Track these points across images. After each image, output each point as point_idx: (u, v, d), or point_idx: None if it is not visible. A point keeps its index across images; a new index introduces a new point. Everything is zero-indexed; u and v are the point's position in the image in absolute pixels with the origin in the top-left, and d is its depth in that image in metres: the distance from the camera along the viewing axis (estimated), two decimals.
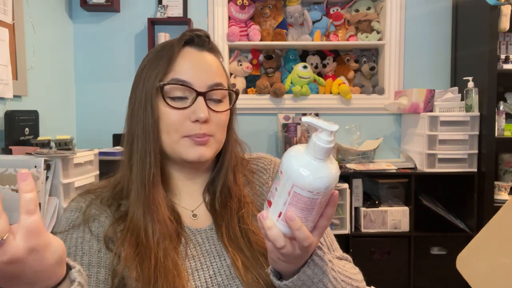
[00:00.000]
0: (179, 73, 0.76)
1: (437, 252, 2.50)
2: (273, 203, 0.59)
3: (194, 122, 0.75)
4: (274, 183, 0.60)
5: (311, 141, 0.56)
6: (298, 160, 0.56)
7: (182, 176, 0.83)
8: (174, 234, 0.75)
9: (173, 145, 0.76)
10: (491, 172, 2.39)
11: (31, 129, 1.94)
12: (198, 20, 2.76)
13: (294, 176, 0.55)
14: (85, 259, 0.71)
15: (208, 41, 0.81)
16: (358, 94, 2.79)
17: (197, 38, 0.80)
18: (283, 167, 0.57)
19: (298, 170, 0.55)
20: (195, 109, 0.75)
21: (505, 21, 2.34)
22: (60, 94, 2.59)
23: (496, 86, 2.36)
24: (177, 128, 0.75)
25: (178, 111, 0.75)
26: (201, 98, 0.75)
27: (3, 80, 1.89)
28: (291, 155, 0.58)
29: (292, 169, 0.56)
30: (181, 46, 0.78)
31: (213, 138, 0.78)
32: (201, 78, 0.76)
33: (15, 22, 2.02)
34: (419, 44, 2.81)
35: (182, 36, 0.79)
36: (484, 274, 0.76)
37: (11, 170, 1.54)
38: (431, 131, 2.44)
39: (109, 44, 2.77)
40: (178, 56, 0.77)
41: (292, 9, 2.74)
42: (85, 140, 2.68)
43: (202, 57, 0.79)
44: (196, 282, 0.73)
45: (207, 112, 0.75)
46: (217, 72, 0.79)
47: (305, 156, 0.56)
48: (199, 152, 0.76)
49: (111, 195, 0.79)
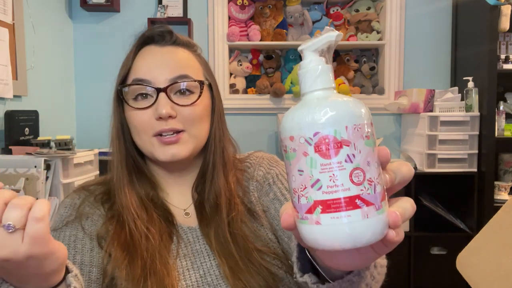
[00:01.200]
0: (137, 73, 0.75)
1: (437, 252, 2.50)
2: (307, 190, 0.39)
3: (158, 120, 0.73)
4: (291, 172, 0.40)
5: (305, 71, 0.41)
6: (304, 105, 0.40)
7: (169, 175, 0.81)
8: (165, 233, 0.74)
9: (146, 146, 0.75)
10: (491, 172, 2.39)
11: (31, 129, 1.94)
12: (198, 20, 2.76)
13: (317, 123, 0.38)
14: (77, 258, 0.71)
15: (170, 36, 0.79)
16: (358, 94, 2.79)
17: (157, 35, 0.78)
18: (289, 132, 0.40)
19: (314, 111, 0.38)
20: (157, 106, 0.72)
21: (505, 21, 2.34)
22: (60, 94, 2.59)
23: (496, 86, 2.36)
24: (145, 129, 0.74)
25: (142, 111, 0.74)
26: (162, 93, 0.73)
27: (3, 80, 1.89)
28: (291, 112, 0.41)
29: (304, 119, 0.39)
30: (140, 46, 0.78)
31: (186, 133, 0.74)
32: (161, 73, 0.74)
33: (15, 22, 2.02)
34: (419, 44, 2.81)
35: (140, 36, 0.79)
36: (484, 274, 0.76)
37: (11, 170, 1.55)
38: (431, 131, 2.43)
39: (109, 44, 2.77)
40: (136, 57, 0.77)
41: (292, 9, 2.74)
42: (85, 140, 2.68)
43: (163, 53, 0.77)
44: (187, 282, 0.72)
45: (168, 107, 0.72)
46: (181, 65, 0.76)
47: (308, 98, 0.41)
48: (170, 152, 0.73)
49: (105, 192, 0.79)
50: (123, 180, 0.76)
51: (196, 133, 0.76)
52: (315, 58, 0.42)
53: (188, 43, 0.81)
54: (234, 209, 0.77)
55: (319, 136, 0.38)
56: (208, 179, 0.79)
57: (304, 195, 0.39)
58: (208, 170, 0.79)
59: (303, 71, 0.42)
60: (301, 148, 0.38)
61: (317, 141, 0.38)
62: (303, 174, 0.39)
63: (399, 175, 0.42)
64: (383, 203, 0.39)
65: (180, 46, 0.79)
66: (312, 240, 0.39)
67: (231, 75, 2.81)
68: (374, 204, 0.38)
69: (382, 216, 0.39)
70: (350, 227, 0.37)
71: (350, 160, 0.37)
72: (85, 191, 0.79)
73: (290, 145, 0.39)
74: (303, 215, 0.39)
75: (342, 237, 0.37)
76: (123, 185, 0.75)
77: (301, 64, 0.42)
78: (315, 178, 0.38)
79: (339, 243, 0.38)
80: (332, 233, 0.38)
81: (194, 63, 0.79)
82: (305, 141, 0.38)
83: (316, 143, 0.38)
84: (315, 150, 0.38)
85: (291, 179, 0.40)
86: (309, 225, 0.39)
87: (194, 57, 0.80)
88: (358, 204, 0.37)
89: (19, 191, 1.63)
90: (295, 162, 0.39)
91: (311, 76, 0.41)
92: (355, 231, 0.37)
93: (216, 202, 0.77)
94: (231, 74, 2.81)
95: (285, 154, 0.41)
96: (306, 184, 0.38)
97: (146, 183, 0.78)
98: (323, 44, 0.42)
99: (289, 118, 0.40)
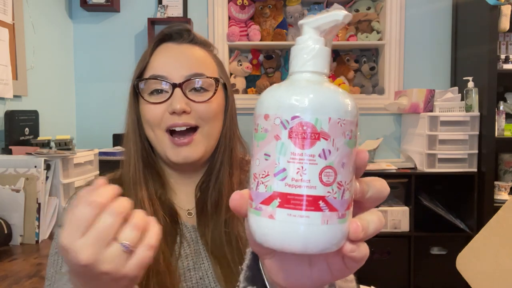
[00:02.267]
0: (154, 69, 0.75)
1: (437, 252, 2.50)
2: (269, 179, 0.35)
3: (172, 114, 0.73)
4: (256, 155, 0.36)
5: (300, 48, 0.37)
6: (284, 86, 0.36)
7: (177, 175, 0.81)
8: (169, 232, 0.73)
9: (159, 142, 0.75)
10: (491, 172, 2.39)
11: (31, 129, 1.94)
12: (198, 20, 2.76)
13: (288, 103, 0.34)
14: None
15: (188, 34, 0.79)
16: (358, 94, 2.79)
17: (174, 33, 0.79)
18: (266, 109, 0.35)
19: (288, 93, 0.35)
20: (172, 101, 0.73)
21: (505, 21, 2.34)
22: (60, 94, 2.59)
23: (496, 86, 2.36)
24: (158, 123, 0.74)
25: (157, 106, 0.74)
26: (178, 89, 0.73)
27: (3, 80, 1.89)
28: (273, 88, 0.37)
29: (279, 97, 0.35)
30: (157, 43, 0.78)
31: (199, 132, 0.75)
32: (177, 70, 0.74)
33: (15, 22, 2.02)
34: (419, 44, 2.81)
35: (159, 33, 0.80)
36: (484, 274, 0.76)
37: (11, 170, 1.54)
38: (431, 131, 2.43)
39: (109, 44, 2.77)
40: (154, 53, 0.77)
41: (292, 9, 2.74)
42: (85, 140, 2.68)
43: (180, 50, 0.77)
44: (187, 283, 0.71)
45: (183, 102, 0.72)
46: (197, 63, 0.77)
47: (295, 77, 0.37)
48: (182, 155, 0.74)
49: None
50: (139, 174, 0.75)
51: (208, 131, 0.76)
52: (314, 36, 0.36)
53: (205, 42, 0.82)
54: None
55: (298, 121, 0.33)
56: (213, 178, 0.78)
57: (264, 182, 0.34)
58: (215, 169, 0.78)
59: (298, 47, 0.37)
60: (274, 130, 0.34)
61: (294, 126, 0.33)
62: (269, 159, 0.34)
63: (372, 188, 0.38)
64: (348, 212, 0.35)
65: (197, 45, 0.80)
66: (261, 235, 0.35)
67: (231, 75, 2.81)
68: (338, 210, 0.34)
69: (342, 226, 0.34)
70: (305, 229, 0.33)
71: (325, 156, 0.33)
72: None
73: (263, 124, 0.35)
74: (257, 204, 0.35)
75: (294, 238, 0.33)
76: (139, 178, 0.74)
77: (297, 39, 0.37)
78: (281, 166, 0.33)
79: (289, 244, 0.34)
80: (284, 231, 0.33)
81: (210, 62, 0.80)
82: (281, 123, 0.34)
83: (292, 128, 0.33)
84: (289, 136, 0.33)
85: (254, 163, 0.35)
86: (261, 217, 0.34)
87: (210, 56, 0.81)
88: (320, 207, 0.33)
89: (19, 191, 1.62)
90: (264, 144, 0.34)
91: (306, 55, 0.36)
92: (310, 235, 0.33)
93: (217, 201, 0.77)
94: (231, 74, 2.81)
95: (254, 134, 0.36)
96: (269, 171, 0.34)
97: (157, 180, 0.78)
98: (328, 22, 0.36)
99: (269, 95, 0.36)
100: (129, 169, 0.75)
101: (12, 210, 1.47)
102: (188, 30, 0.80)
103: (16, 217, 1.47)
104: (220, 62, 0.83)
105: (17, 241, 1.47)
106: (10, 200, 1.47)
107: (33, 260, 1.33)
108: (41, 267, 1.27)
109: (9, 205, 1.47)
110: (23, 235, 1.49)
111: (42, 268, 1.27)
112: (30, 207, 1.49)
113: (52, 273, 0.69)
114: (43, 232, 1.54)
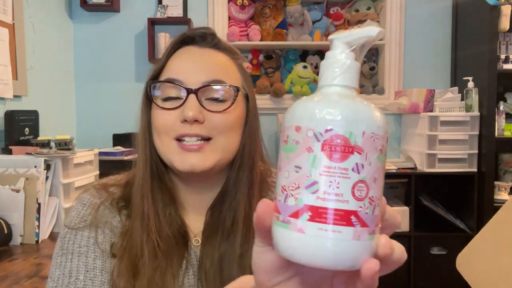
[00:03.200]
0: (170, 72, 0.69)
1: (437, 252, 2.50)
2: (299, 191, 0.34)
3: (183, 123, 0.65)
4: (285, 166, 0.35)
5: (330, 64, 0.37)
6: (321, 99, 0.35)
7: (188, 189, 0.72)
8: (175, 255, 0.67)
9: (165, 150, 0.68)
10: (491, 172, 2.39)
11: (31, 129, 1.94)
12: (198, 20, 2.75)
13: (322, 120, 0.34)
14: (98, 263, 0.66)
15: (212, 38, 0.73)
16: (358, 94, 2.79)
17: (198, 36, 0.72)
18: (298, 121, 0.35)
19: (323, 106, 0.34)
20: (184, 108, 0.66)
21: (505, 21, 2.34)
22: (60, 94, 2.59)
23: (496, 86, 2.36)
24: (167, 130, 0.67)
25: (168, 112, 0.67)
26: (193, 95, 0.66)
27: (3, 80, 1.89)
28: (304, 100, 0.36)
29: (314, 112, 0.34)
30: (178, 44, 0.72)
31: (212, 143, 0.67)
32: (195, 75, 0.67)
33: (15, 22, 2.02)
34: (419, 44, 2.81)
35: (181, 34, 0.73)
36: (484, 273, 0.76)
37: (11, 170, 1.55)
38: (431, 131, 2.43)
39: (109, 44, 2.77)
40: (173, 55, 0.71)
41: (292, 9, 2.74)
42: (85, 140, 2.68)
43: (201, 54, 0.71)
44: None
45: (196, 110, 0.65)
46: (218, 69, 0.69)
47: (326, 91, 0.37)
48: (190, 162, 0.65)
49: (123, 198, 0.72)
50: (146, 186, 0.68)
51: (223, 144, 0.67)
52: (345, 50, 0.36)
53: (230, 49, 0.75)
54: (251, 239, 0.65)
55: (331, 133, 0.33)
56: (227, 200, 0.69)
57: (294, 195, 0.33)
58: (229, 189, 0.70)
59: (329, 61, 0.36)
60: (306, 142, 0.33)
61: (327, 139, 0.33)
62: (300, 171, 0.33)
63: (387, 211, 0.36)
64: (377, 229, 0.34)
65: (220, 50, 0.73)
66: (287, 249, 0.34)
67: None
68: (368, 226, 0.33)
69: (372, 242, 0.33)
70: (336, 244, 0.32)
71: (358, 170, 0.33)
72: (105, 191, 0.73)
73: (294, 136, 0.34)
74: (285, 217, 0.33)
75: (324, 253, 0.32)
76: (146, 191, 0.68)
77: (327, 53, 0.37)
78: (312, 179, 0.33)
79: (320, 260, 0.32)
80: (314, 245, 0.32)
81: (233, 70, 0.72)
82: (314, 135, 0.33)
83: (326, 141, 0.33)
84: (322, 148, 0.33)
85: (283, 175, 0.35)
86: (289, 230, 0.33)
87: (234, 64, 0.73)
88: (352, 222, 0.32)
89: (19, 191, 1.62)
90: (294, 156, 0.34)
91: (337, 69, 0.36)
92: (342, 250, 0.32)
93: (231, 228, 0.68)
94: None
95: (283, 146, 0.35)
96: (300, 184, 0.33)
97: (166, 194, 0.70)
98: (360, 38, 0.36)
99: (301, 106, 0.35)
100: (138, 180, 0.69)
101: (12, 210, 1.47)
102: (212, 33, 0.73)
103: (16, 217, 1.47)
104: (246, 73, 0.75)
105: (17, 241, 1.47)
106: (10, 200, 1.47)
107: (33, 260, 1.33)
108: (41, 267, 1.27)
109: (9, 205, 1.47)
110: (23, 235, 1.49)
111: (42, 268, 1.27)
112: (30, 207, 1.49)
113: (59, 275, 0.65)
114: (43, 232, 1.54)
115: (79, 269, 0.65)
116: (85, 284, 0.64)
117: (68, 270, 0.65)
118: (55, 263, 0.67)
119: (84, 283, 0.64)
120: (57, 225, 1.62)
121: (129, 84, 2.77)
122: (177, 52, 0.72)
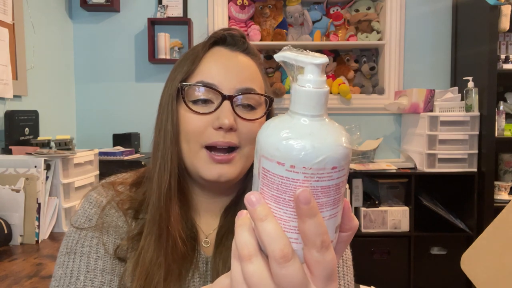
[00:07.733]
0: (204, 74, 0.67)
1: (437, 252, 2.50)
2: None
3: (217, 130, 0.64)
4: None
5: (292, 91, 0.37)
6: (274, 124, 0.38)
7: (204, 193, 0.72)
8: (186, 260, 0.67)
9: (192, 157, 0.67)
10: (491, 172, 2.39)
11: (31, 129, 1.93)
12: (198, 20, 2.75)
13: (261, 142, 0.37)
14: (99, 264, 0.65)
15: (243, 41, 0.72)
16: (358, 94, 2.79)
17: (229, 38, 0.72)
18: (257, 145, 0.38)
19: (266, 131, 0.37)
20: (219, 115, 0.64)
21: (505, 21, 2.34)
22: (60, 94, 2.59)
23: (496, 86, 2.36)
24: (197, 136, 0.66)
25: (200, 117, 0.66)
26: (228, 102, 0.65)
27: (3, 80, 1.89)
28: (269, 123, 0.39)
29: (260, 135, 0.38)
30: (210, 45, 0.71)
31: (239, 153, 0.67)
32: (230, 81, 0.67)
33: (15, 22, 2.02)
34: (419, 44, 2.81)
35: (212, 35, 0.72)
36: (488, 273, 0.76)
37: (11, 170, 1.54)
38: (431, 131, 2.44)
39: (109, 44, 2.77)
40: (205, 56, 0.70)
41: (292, 9, 2.74)
42: (85, 140, 2.68)
43: (234, 58, 0.70)
44: None
45: (232, 118, 0.64)
46: (251, 77, 0.69)
47: (285, 117, 0.37)
48: (218, 171, 0.65)
49: (130, 199, 0.71)
50: (174, 191, 0.67)
51: (249, 151, 0.68)
52: (321, 77, 0.36)
53: (256, 53, 0.74)
54: None
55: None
56: (242, 205, 0.72)
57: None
58: (246, 192, 0.71)
59: (300, 89, 0.36)
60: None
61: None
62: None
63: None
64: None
65: (250, 56, 0.72)
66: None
67: None
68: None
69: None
70: None
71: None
72: (113, 189, 0.72)
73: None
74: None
75: None
76: (173, 195, 0.67)
77: (298, 77, 0.36)
78: None
79: None
80: None
81: (259, 76, 0.72)
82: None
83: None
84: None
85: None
86: None
87: (259, 70, 0.73)
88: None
89: (19, 191, 1.61)
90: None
91: (304, 98, 0.36)
92: None
93: None
94: None
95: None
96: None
97: (183, 197, 0.70)
98: (302, 62, 0.36)
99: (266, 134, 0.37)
100: (161, 183, 0.67)
101: (12, 210, 1.47)
102: (243, 36, 0.73)
103: (16, 217, 1.46)
104: (266, 76, 0.75)
105: (17, 241, 1.47)
106: (10, 200, 1.47)
107: (33, 260, 1.33)
108: (41, 267, 1.27)
109: (9, 205, 1.46)
110: (23, 235, 1.48)
111: (42, 268, 1.26)
112: (30, 207, 1.49)
113: (61, 275, 0.65)
114: (43, 232, 1.54)
115: (80, 269, 0.65)
116: (85, 285, 0.64)
117: (70, 270, 0.65)
118: (59, 262, 0.67)
119: (84, 283, 0.64)
120: (57, 225, 1.62)
121: (129, 84, 2.76)
122: (209, 52, 0.71)
